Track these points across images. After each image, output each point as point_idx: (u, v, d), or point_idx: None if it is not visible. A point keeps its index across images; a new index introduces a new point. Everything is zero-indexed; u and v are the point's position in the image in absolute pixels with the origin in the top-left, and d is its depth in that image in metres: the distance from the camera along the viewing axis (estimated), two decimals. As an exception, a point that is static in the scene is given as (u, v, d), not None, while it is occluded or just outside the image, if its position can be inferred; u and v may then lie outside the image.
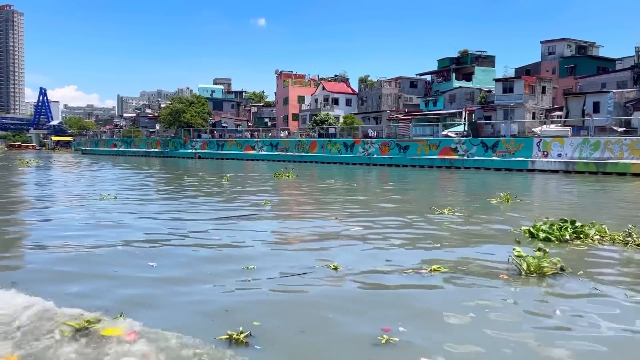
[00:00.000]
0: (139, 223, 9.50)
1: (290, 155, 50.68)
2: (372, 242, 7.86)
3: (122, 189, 15.91)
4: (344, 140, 46.45)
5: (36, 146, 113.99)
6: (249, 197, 14.22)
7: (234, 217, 9.92)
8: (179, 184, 19.16)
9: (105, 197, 12.85)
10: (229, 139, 57.44)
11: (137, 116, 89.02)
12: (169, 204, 12.82)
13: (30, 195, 14.70)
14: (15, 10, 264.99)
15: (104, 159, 56.57)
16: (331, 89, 61.02)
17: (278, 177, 21.37)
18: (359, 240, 7.92)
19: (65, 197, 13.69)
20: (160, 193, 15.86)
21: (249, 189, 16.95)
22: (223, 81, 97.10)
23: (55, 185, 18.08)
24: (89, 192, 14.73)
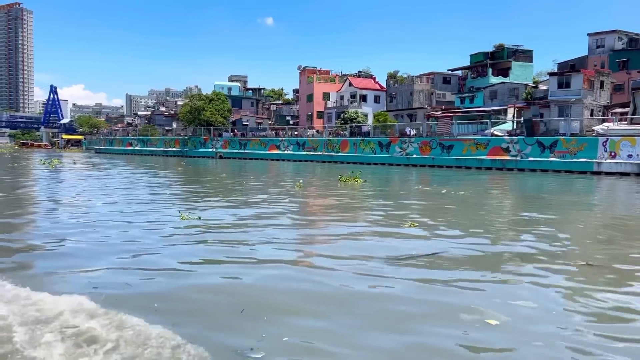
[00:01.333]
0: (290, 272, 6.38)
1: (319, 155, 48.20)
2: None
3: (191, 203, 12.98)
4: (378, 139, 43.80)
5: (48, 145, 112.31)
6: (369, 214, 11.36)
7: (416, 256, 6.98)
8: (253, 193, 15.66)
9: (186, 216, 10.09)
10: (252, 137, 54.98)
11: (152, 114, 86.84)
12: (296, 230, 9.57)
13: (113, 220, 10.98)
14: (25, 9, 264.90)
15: (119, 158, 54.40)
16: (359, 85, 58.33)
17: (345, 182, 18.67)
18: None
19: (143, 220, 10.48)
20: (251, 206, 12.39)
21: (347, 202, 13.77)
22: (239, 78, 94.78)
23: (117, 202, 14.55)
24: (158, 208, 11.90)
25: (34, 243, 7.73)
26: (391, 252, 7.20)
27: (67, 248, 7.47)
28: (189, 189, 17.56)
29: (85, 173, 24.13)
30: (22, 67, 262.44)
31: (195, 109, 59.13)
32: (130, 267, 6.34)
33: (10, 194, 14.74)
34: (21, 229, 9.26)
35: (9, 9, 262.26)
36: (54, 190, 15.92)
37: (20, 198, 13.86)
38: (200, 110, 59.28)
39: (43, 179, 19.85)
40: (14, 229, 9.14)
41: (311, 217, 11.35)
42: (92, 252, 7.09)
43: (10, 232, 8.78)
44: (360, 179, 18.86)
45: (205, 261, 6.64)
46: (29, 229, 9.36)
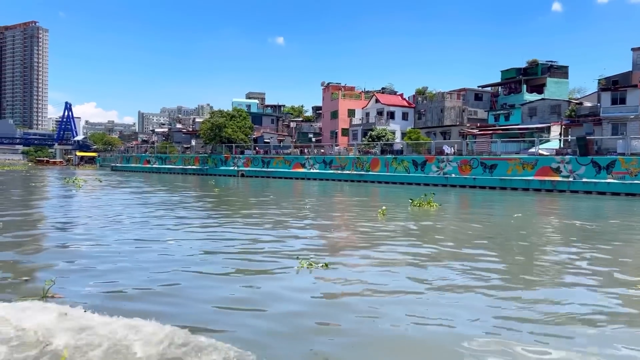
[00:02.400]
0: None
1: (347, 174, 46.33)
2: None
3: (288, 240, 10.67)
4: (413, 157, 41.83)
5: (62, 162, 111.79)
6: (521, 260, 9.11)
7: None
8: (349, 223, 13.51)
9: (305, 264, 7.74)
10: (276, 155, 53.25)
11: (169, 131, 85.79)
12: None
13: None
14: (41, 27, 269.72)
15: (137, 176, 52.91)
16: (386, 102, 56.63)
17: (420, 207, 16.56)
18: None
19: (262, 277, 7.90)
20: (381, 246, 9.89)
21: (480, 233, 11.67)
22: (257, 95, 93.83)
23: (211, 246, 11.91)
24: (262, 250, 9.47)
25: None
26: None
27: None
28: (261, 215, 14.98)
29: (122, 195, 22.03)
30: (36, 84, 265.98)
31: (216, 126, 57.75)
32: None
33: (60, 226, 12.76)
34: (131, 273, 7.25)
35: (25, 27, 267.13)
36: (115, 223, 13.58)
37: (77, 232, 11.85)
38: (222, 127, 57.90)
39: (80, 204, 17.71)
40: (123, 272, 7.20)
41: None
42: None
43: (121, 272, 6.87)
44: (434, 202, 16.75)
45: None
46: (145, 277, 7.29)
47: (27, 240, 9.90)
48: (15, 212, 14.10)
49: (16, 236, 10.19)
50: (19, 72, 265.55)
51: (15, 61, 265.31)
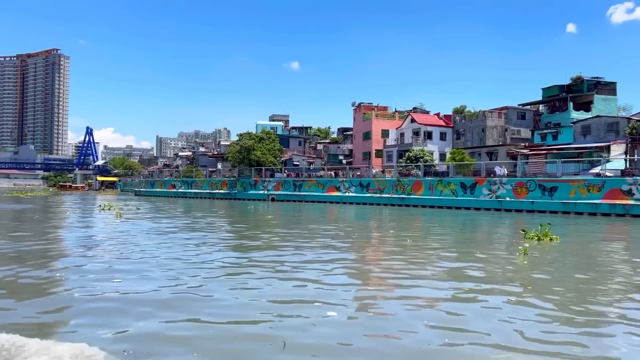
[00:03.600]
0: None
1: (387, 198, 44.01)
2: None
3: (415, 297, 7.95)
4: (461, 179, 39.42)
5: (85, 187, 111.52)
6: None
7: None
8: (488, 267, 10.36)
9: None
10: (308, 179, 51.25)
11: (193, 154, 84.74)
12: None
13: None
14: (62, 54, 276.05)
15: (164, 201, 51.25)
16: (422, 121, 54.60)
17: (539, 240, 14.07)
18: None
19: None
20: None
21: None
22: (281, 118, 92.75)
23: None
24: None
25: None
26: None
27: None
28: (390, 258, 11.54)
29: (174, 229, 19.38)
30: (57, 110, 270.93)
31: (245, 148, 56.20)
32: None
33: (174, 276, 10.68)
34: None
35: (47, 54, 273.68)
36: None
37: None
38: (250, 150, 56.34)
39: (142, 241, 14.88)
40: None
41: None
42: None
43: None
44: (551, 234, 14.26)
45: None
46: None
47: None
48: (79, 252, 12.04)
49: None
50: (40, 98, 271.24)
51: (37, 88, 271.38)
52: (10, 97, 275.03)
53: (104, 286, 8.04)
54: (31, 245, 12.86)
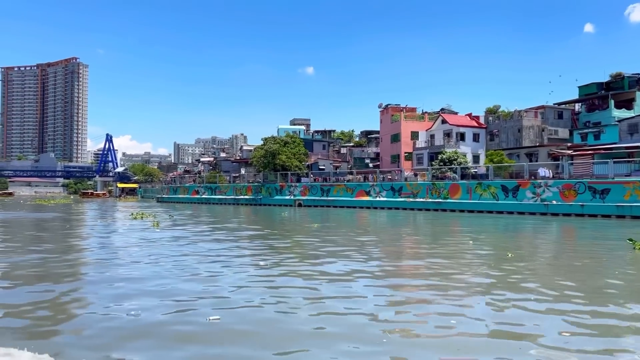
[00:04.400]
0: None
1: (421, 202, 42.32)
2: None
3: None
4: (502, 182, 37.56)
5: (106, 194, 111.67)
6: None
7: None
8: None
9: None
10: (336, 183, 49.75)
11: (215, 160, 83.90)
12: None
13: None
14: (81, 63, 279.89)
15: (189, 208, 50.29)
16: (454, 122, 52.75)
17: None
18: None
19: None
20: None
21: None
22: (302, 122, 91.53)
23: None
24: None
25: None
26: None
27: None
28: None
29: (218, 238, 17.92)
30: (76, 118, 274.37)
31: (270, 153, 54.99)
32: None
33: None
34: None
35: (67, 63, 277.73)
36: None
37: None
38: (275, 154, 55.10)
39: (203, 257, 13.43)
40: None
41: None
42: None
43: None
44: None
45: None
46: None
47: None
48: (136, 275, 10.71)
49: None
50: (60, 106, 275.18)
51: (56, 96, 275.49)
52: (31, 106, 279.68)
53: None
54: (94, 265, 11.62)
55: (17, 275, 9.93)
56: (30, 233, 20.48)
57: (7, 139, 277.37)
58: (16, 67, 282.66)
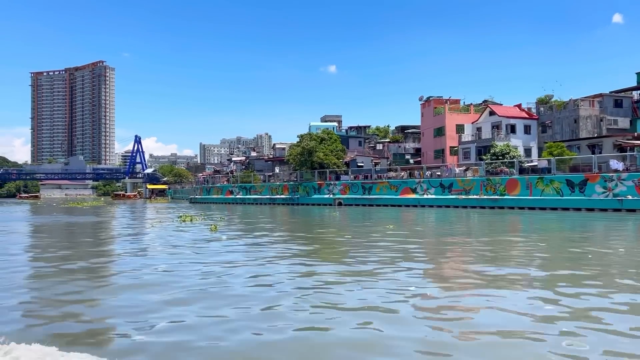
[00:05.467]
0: None
1: (475, 200, 39.77)
2: None
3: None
4: (566, 176, 34.74)
5: (137, 195, 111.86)
6: None
7: None
8: None
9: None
10: (379, 180, 47.49)
11: (245, 159, 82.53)
12: None
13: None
14: (107, 66, 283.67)
15: (221, 208, 48.74)
16: (504, 113, 49.85)
17: None
18: None
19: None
20: None
21: None
22: (333, 118, 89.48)
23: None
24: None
25: None
26: None
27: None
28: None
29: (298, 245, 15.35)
30: (104, 121, 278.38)
31: (307, 150, 53.07)
32: None
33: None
34: None
35: (94, 67, 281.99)
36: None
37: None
38: (312, 151, 53.14)
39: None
40: None
41: None
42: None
43: None
44: None
45: None
46: None
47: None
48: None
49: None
50: (88, 110, 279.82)
51: (84, 100, 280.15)
52: (60, 110, 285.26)
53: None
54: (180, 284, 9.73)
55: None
56: (87, 240, 18.91)
57: (38, 142, 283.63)
58: (45, 72, 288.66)
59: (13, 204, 79.20)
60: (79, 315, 6.81)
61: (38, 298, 8.08)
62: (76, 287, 8.68)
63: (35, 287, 9.12)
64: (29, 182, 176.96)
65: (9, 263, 11.86)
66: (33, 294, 8.42)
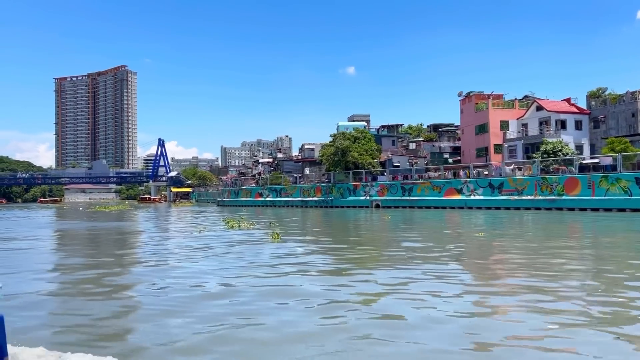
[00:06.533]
0: None
1: (529, 201, 37.07)
2: None
3: None
4: (636, 174, 31.73)
5: (162, 199, 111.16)
6: None
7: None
8: None
9: None
10: (420, 181, 44.97)
11: (273, 161, 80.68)
12: None
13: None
14: (130, 70, 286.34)
15: (250, 211, 46.87)
16: (553, 108, 46.80)
17: None
18: None
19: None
20: None
21: None
22: (361, 118, 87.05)
23: None
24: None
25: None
26: None
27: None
28: None
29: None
30: (126, 125, 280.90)
31: (341, 150, 50.86)
32: None
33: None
34: None
35: (116, 71, 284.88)
36: None
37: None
38: (346, 151, 50.90)
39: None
40: None
41: None
42: None
43: None
44: None
45: None
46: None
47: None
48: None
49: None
50: (110, 114, 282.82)
51: (107, 104, 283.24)
52: (83, 115, 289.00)
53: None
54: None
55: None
56: (153, 256, 16.99)
57: (62, 147, 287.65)
58: (68, 78, 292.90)
59: (38, 208, 78.74)
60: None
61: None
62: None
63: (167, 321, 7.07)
64: (54, 186, 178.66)
65: (76, 276, 9.87)
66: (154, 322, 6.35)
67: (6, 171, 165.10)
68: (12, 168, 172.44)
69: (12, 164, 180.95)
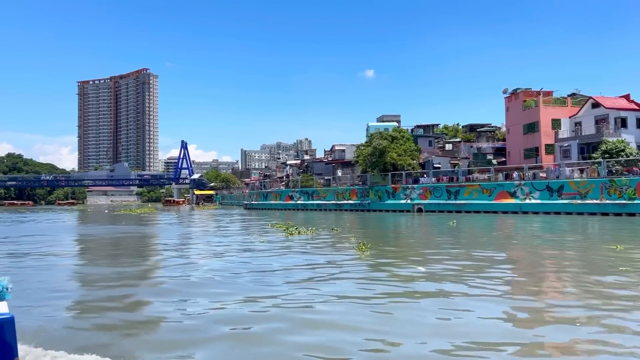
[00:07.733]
0: None
1: (594, 205, 33.82)
2: None
3: None
4: None
5: (185, 202, 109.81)
6: None
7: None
8: None
9: None
10: (468, 183, 42.02)
11: (302, 162, 78.39)
12: None
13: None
14: (151, 73, 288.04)
15: (282, 215, 44.45)
16: (611, 105, 43.40)
17: None
18: None
19: None
20: None
21: None
22: (392, 118, 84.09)
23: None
24: None
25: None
26: None
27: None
28: None
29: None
30: (148, 128, 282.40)
31: (378, 150, 48.20)
32: None
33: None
34: None
35: (138, 74, 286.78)
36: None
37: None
38: (384, 152, 48.21)
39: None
40: None
41: None
42: None
43: None
44: None
45: None
46: None
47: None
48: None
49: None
50: (132, 116, 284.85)
51: (129, 107, 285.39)
52: (106, 118, 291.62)
53: None
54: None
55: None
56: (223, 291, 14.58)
57: (84, 150, 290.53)
58: (91, 81, 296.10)
59: (63, 210, 77.66)
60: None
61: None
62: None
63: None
64: (76, 188, 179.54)
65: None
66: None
67: (30, 173, 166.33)
68: (36, 170, 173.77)
69: (36, 166, 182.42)
